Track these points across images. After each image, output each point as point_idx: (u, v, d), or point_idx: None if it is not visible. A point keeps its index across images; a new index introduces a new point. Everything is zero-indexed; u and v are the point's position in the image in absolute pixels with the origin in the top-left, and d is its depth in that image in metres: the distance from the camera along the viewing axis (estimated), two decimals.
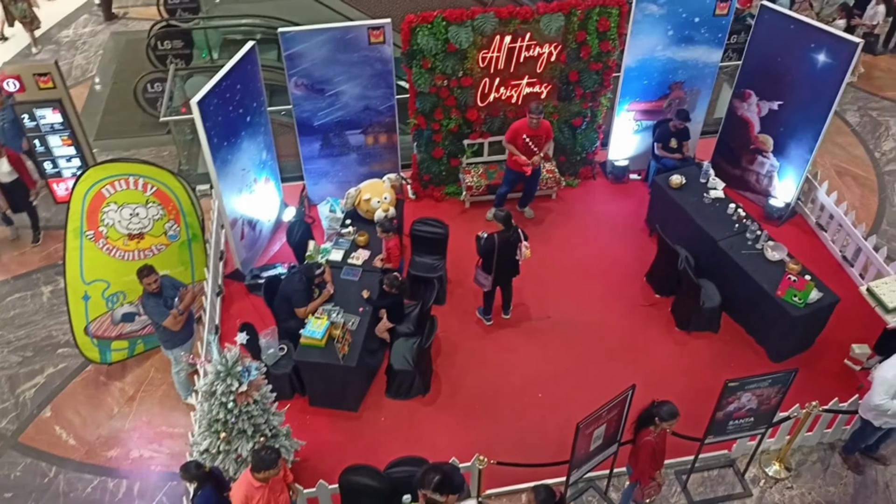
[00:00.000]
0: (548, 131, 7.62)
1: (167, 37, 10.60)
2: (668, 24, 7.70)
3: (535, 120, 7.33)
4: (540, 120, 7.41)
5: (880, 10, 10.53)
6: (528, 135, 7.44)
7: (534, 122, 7.35)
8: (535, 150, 7.51)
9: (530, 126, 7.38)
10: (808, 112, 7.33)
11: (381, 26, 7.18)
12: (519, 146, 7.50)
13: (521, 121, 7.47)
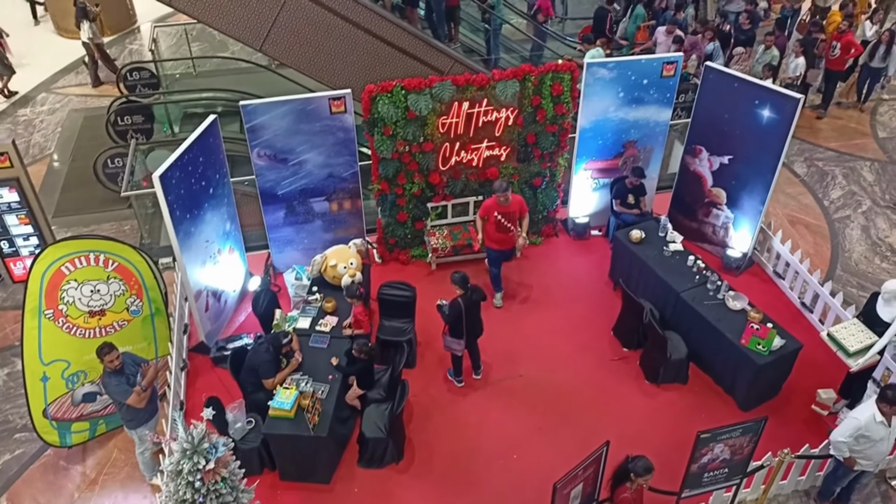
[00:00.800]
0: (521, 206, 7.43)
1: (127, 112, 10.66)
2: (618, 87, 8.01)
3: (502, 198, 7.23)
4: (508, 196, 7.27)
5: (800, 63, 11.07)
6: (500, 212, 7.31)
7: (501, 199, 7.24)
8: (510, 227, 7.35)
9: (499, 203, 7.29)
10: (758, 165, 7.62)
11: (341, 96, 7.33)
12: (492, 223, 7.40)
13: (492, 198, 7.35)
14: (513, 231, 7.37)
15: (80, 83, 13.56)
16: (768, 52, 11.28)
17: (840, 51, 11.59)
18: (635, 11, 13.38)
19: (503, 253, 7.58)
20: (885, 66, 11.99)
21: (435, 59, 10.25)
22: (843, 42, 11.55)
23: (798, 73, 10.98)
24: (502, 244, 7.47)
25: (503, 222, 7.33)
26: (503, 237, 7.41)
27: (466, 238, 8.24)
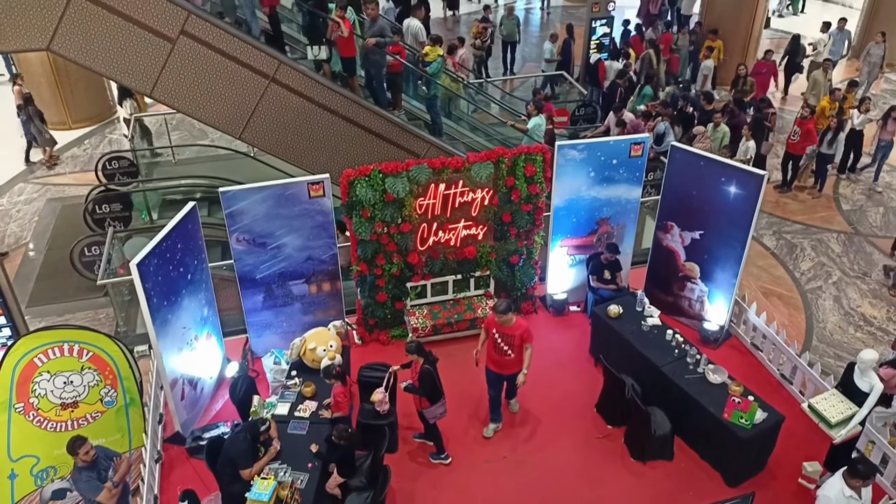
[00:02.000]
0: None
1: (105, 201, 10.70)
2: (589, 167, 8.25)
3: (499, 318, 6.65)
4: (510, 319, 6.63)
5: (750, 146, 11.44)
6: (498, 331, 6.72)
7: (498, 319, 6.66)
8: (506, 350, 6.71)
9: (499, 322, 6.69)
10: (728, 239, 7.81)
11: (320, 181, 7.46)
12: (491, 341, 6.85)
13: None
14: (511, 357, 6.73)
15: (58, 173, 13.65)
16: (718, 130, 11.72)
17: (800, 137, 12.05)
18: (643, 90, 13.94)
19: (500, 376, 6.98)
20: (833, 153, 12.37)
21: (411, 143, 10.52)
22: (803, 129, 12.01)
23: (749, 156, 11.32)
24: (499, 367, 6.87)
25: (500, 343, 6.73)
26: (500, 359, 6.82)
27: (446, 317, 8.25)
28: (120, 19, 8.52)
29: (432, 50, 11.23)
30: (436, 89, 11.45)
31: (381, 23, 10.39)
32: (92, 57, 8.68)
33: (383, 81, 10.81)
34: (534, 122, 11.23)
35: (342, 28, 9.84)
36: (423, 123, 11.50)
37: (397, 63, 10.98)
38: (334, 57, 10.54)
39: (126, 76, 8.95)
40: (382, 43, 10.23)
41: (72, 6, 8.30)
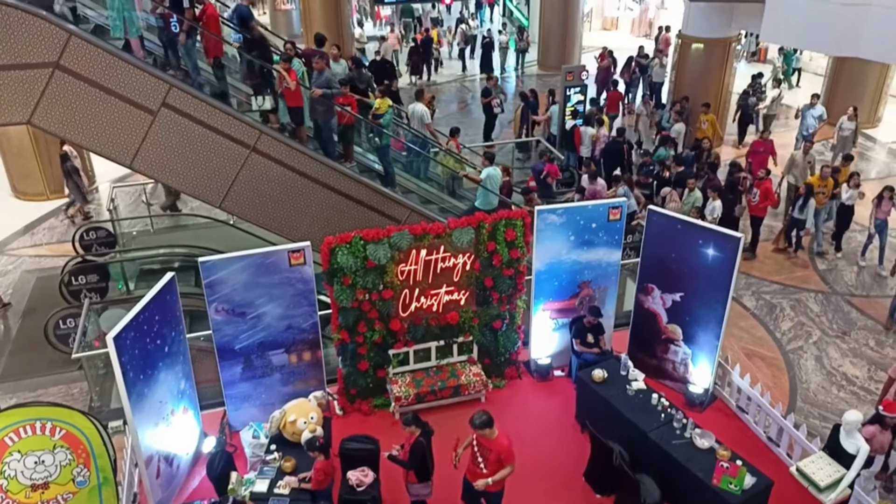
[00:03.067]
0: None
1: (82, 272, 10.58)
2: (568, 231, 8.33)
3: (478, 431, 6.08)
4: (490, 434, 6.03)
5: (717, 206, 11.65)
6: (478, 440, 6.16)
7: (478, 432, 6.10)
8: (480, 463, 6.13)
9: (481, 435, 6.13)
10: (709, 301, 7.86)
11: (301, 249, 7.44)
12: (471, 447, 6.27)
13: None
14: (483, 472, 6.12)
15: (34, 244, 13.51)
16: (692, 195, 11.95)
17: (759, 198, 12.29)
18: (658, 152, 14.23)
19: (472, 489, 6.25)
20: (804, 218, 12.48)
21: (392, 209, 10.59)
22: (762, 189, 12.24)
23: (715, 216, 11.49)
24: (472, 477, 6.24)
25: (476, 454, 6.15)
26: (473, 470, 6.22)
27: (430, 385, 8.13)
28: (101, 93, 8.60)
29: (382, 102, 11.28)
30: (387, 140, 11.46)
31: (327, 74, 10.38)
32: (72, 130, 8.72)
33: (332, 132, 10.71)
34: (486, 172, 11.30)
35: (287, 80, 9.87)
36: (377, 174, 11.49)
37: (348, 115, 10.93)
38: (281, 108, 10.43)
39: (106, 148, 8.98)
40: (329, 94, 10.20)
41: (54, 81, 8.38)
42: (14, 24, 8.04)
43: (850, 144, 15.43)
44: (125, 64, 8.65)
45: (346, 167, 10.52)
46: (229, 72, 11.04)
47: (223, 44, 10.52)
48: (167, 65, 9.88)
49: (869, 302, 11.36)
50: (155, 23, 10.29)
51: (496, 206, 11.13)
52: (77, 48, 8.34)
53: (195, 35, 9.98)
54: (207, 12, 10.08)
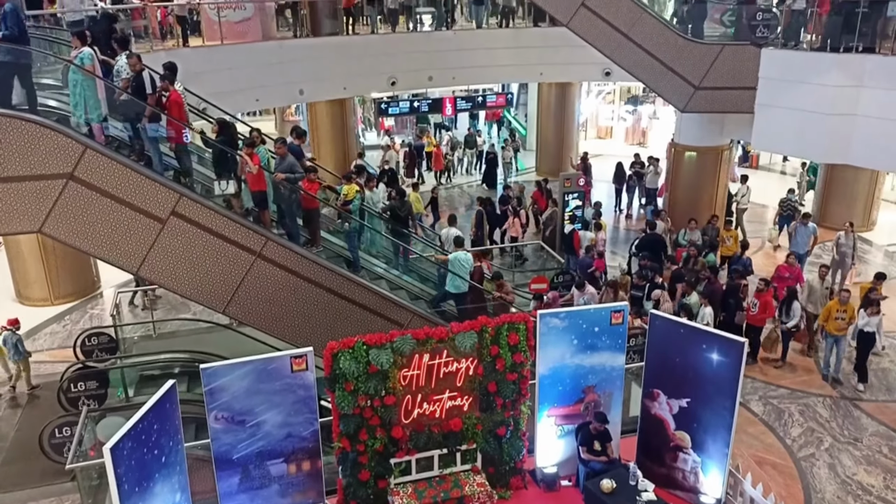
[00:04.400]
0: None
1: (81, 379, 10.48)
2: (571, 335, 8.32)
3: None
4: None
5: (707, 312, 11.58)
6: None
7: None
8: None
9: None
10: (716, 407, 7.74)
11: (303, 354, 7.42)
12: None
13: None
14: None
15: (35, 349, 13.44)
16: (689, 299, 11.99)
17: (758, 309, 12.27)
18: (707, 257, 14.16)
19: None
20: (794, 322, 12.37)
21: (395, 313, 10.62)
22: (761, 301, 12.22)
23: (706, 322, 11.41)
24: None
25: None
26: None
27: (433, 496, 7.87)
28: (113, 202, 8.84)
29: (350, 188, 11.44)
30: (355, 225, 11.56)
31: (290, 159, 10.51)
32: (82, 238, 8.89)
33: (296, 217, 10.75)
34: (455, 255, 11.34)
35: (250, 165, 9.96)
36: (344, 260, 11.46)
37: (312, 199, 10.99)
38: (245, 192, 10.45)
39: (114, 256, 9.13)
40: (292, 178, 10.31)
41: (67, 191, 8.64)
42: (34, 138, 8.37)
43: (849, 261, 14.96)
44: (137, 174, 8.93)
45: (312, 252, 10.46)
46: (197, 158, 11.11)
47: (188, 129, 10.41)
48: (132, 149, 9.81)
49: (878, 407, 11.17)
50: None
51: (466, 290, 11.20)
52: (91, 160, 8.65)
53: (158, 120, 9.88)
54: (171, 98, 10.05)
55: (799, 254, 15.07)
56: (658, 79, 15.04)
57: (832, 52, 13.19)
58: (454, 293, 11.30)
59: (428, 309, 11.28)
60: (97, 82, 9.30)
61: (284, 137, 11.26)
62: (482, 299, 11.69)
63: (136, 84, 9.86)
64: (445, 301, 11.57)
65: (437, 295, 11.69)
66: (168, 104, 10.02)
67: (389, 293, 10.96)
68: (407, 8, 20.46)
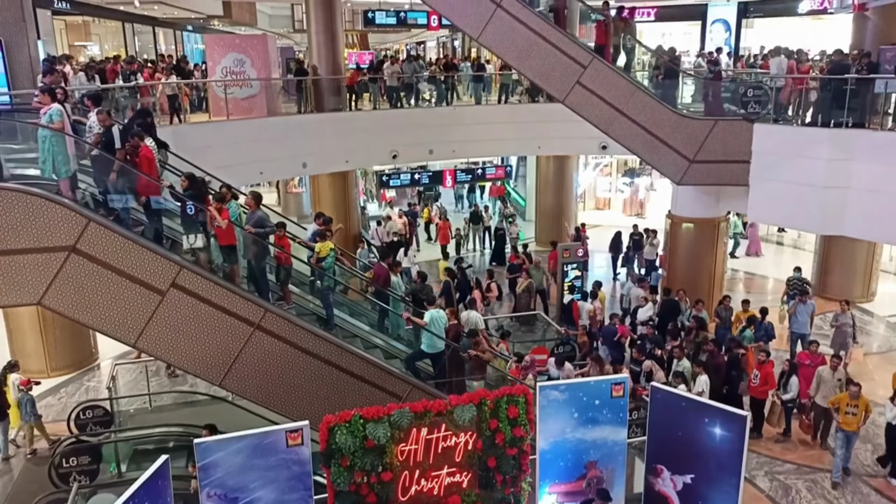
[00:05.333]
0: None
1: (74, 454, 10.29)
2: (572, 408, 8.22)
3: None
4: None
5: (703, 380, 11.42)
6: None
7: None
8: None
9: None
10: (720, 483, 7.58)
11: (299, 429, 7.31)
12: None
13: None
14: None
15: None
16: (680, 364, 11.90)
17: (759, 381, 12.10)
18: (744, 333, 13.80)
19: None
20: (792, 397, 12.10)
21: (392, 384, 10.51)
22: (763, 373, 12.08)
23: (701, 390, 11.27)
24: None
25: None
26: None
27: None
28: (113, 274, 8.89)
29: (324, 245, 11.28)
30: (328, 282, 11.41)
31: (260, 213, 10.46)
32: (81, 310, 8.90)
33: (265, 272, 10.59)
34: (430, 315, 11.06)
35: (219, 219, 9.89)
36: (317, 318, 11.32)
37: (284, 255, 10.87)
38: (214, 247, 10.26)
39: (112, 328, 9.11)
40: (262, 233, 10.24)
41: (69, 263, 8.70)
42: (37, 211, 8.49)
43: (849, 340, 14.28)
44: (139, 247, 9.01)
45: (283, 309, 10.29)
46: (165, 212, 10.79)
47: (157, 185, 10.19)
48: (99, 205, 9.69)
49: (889, 485, 10.90)
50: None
51: (441, 348, 11.05)
52: (94, 232, 8.74)
53: (127, 175, 9.80)
54: (141, 153, 9.94)
55: (802, 334, 14.58)
56: (653, 152, 15.33)
57: (823, 126, 13.50)
58: (430, 352, 11.13)
59: (403, 369, 11.11)
60: (66, 139, 9.30)
61: (257, 192, 11.13)
62: (458, 358, 11.53)
63: (105, 139, 9.83)
64: (420, 360, 11.37)
65: (411, 354, 11.50)
66: (138, 160, 9.93)
67: (387, 364, 10.86)
68: (408, 85, 21.04)
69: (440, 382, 11.05)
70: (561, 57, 14.57)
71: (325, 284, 11.33)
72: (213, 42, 19.69)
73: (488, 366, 12.05)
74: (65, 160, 9.14)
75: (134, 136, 9.97)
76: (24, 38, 12.78)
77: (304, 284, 12.19)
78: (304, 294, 12.13)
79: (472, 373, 11.59)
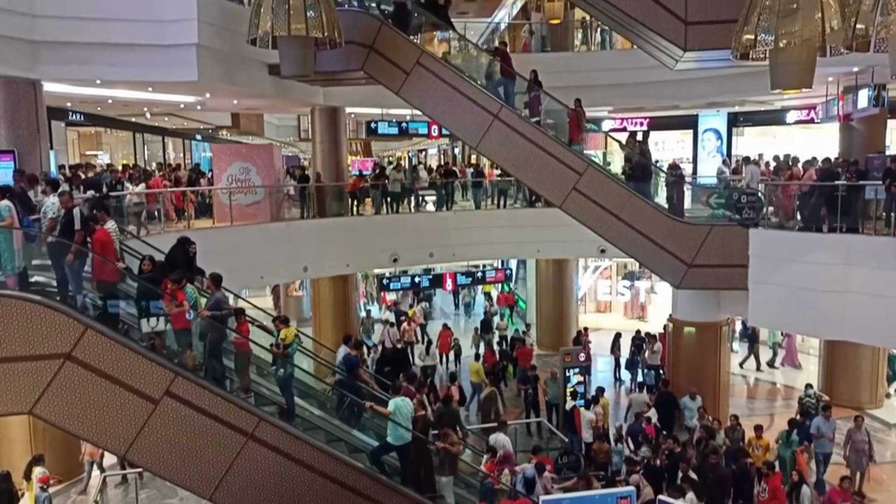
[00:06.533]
0: None
1: None
2: None
3: None
4: None
5: (690, 497, 10.84)
6: None
7: None
8: None
9: None
10: None
11: None
12: None
13: None
14: None
15: None
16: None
17: (768, 494, 11.61)
18: (790, 438, 13.42)
19: None
20: None
21: (389, 498, 10.15)
22: (770, 486, 11.60)
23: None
24: None
25: None
26: None
27: None
28: (108, 382, 8.78)
29: (289, 331, 10.87)
30: (291, 370, 10.97)
31: (217, 295, 10.23)
32: (72, 420, 8.74)
33: (221, 358, 10.23)
34: (394, 403, 10.53)
35: (175, 302, 9.67)
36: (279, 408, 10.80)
37: (243, 342, 10.52)
38: (168, 331, 9.92)
39: (103, 437, 8.94)
40: (218, 316, 9.99)
41: (63, 371, 8.61)
42: (34, 318, 8.50)
43: (865, 459, 13.61)
44: (134, 354, 8.94)
45: (241, 399, 9.91)
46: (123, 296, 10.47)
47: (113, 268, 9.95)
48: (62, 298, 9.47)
49: None
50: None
51: (408, 440, 10.47)
52: (91, 339, 8.71)
53: (84, 258, 9.62)
54: (95, 237, 9.77)
55: (826, 453, 13.76)
56: (651, 257, 15.47)
57: (817, 232, 13.65)
58: (395, 444, 10.57)
59: (367, 464, 10.55)
60: (14, 234, 9.35)
61: (216, 273, 10.72)
62: (426, 451, 11.00)
63: (65, 220, 9.72)
64: (386, 453, 10.76)
65: (375, 447, 10.90)
66: (92, 242, 9.77)
67: (385, 478, 10.50)
68: (409, 191, 21.53)
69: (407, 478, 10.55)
70: (556, 164, 14.97)
71: (287, 373, 10.87)
72: (220, 151, 20.37)
73: (459, 460, 11.51)
74: (11, 257, 9.16)
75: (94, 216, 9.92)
76: (36, 149, 13.22)
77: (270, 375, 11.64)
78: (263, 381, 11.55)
79: (442, 467, 11.04)
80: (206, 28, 13.38)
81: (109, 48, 13.07)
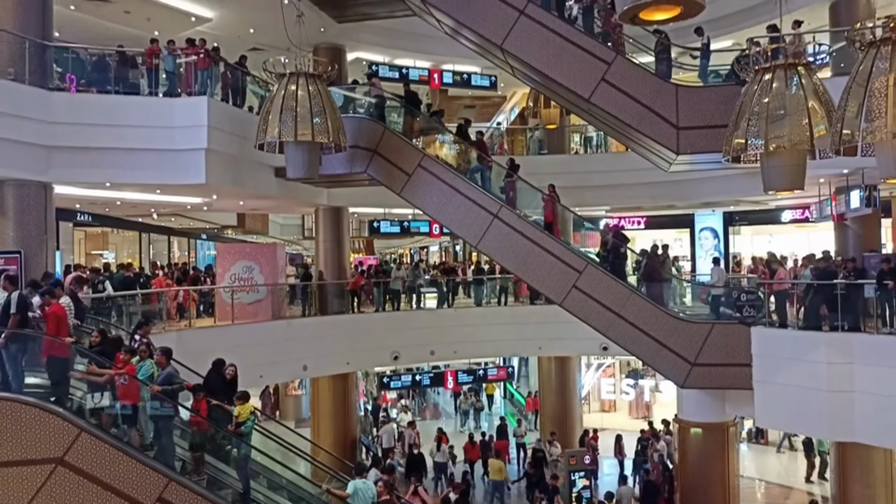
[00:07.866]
0: None
1: None
2: None
3: None
4: None
5: None
6: None
7: None
8: None
9: None
10: None
11: None
12: None
13: None
14: None
15: None
16: None
17: None
18: None
19: None
20: None
21: None
22: None
23: None
24: None
25: None
26: None
27: None
28: (98, 487, 8.55)
29: (244, 408, 10.42)
30: (247, 450, 10.44)
31: (169, 369, 9.93)
32: None
33: (171, 435, 9.78)
34: (353, 485, 10.06)
35: (123, 376, 9.35)
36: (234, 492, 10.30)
37: (200, 420, 10.14)
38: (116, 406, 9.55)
39: None
40: (170, 391, 9.61)
41: (54, 477, 8.42)
42: (28, 421, 8.37)
43: None
44: (128, 458, 8.74)
45: (192, 481, 9.42)
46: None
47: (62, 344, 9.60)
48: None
49: None
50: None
51: None
52: (84, 444, 8.54)
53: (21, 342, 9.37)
54: (50, 310, 9.56)
55: None
56: (653, 355, 15.30)
57: (818, 330, 13.56)
58: None
59: None
60: None
61: (167, 347, 10.52)
62: None
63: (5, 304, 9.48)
64: None
65: None
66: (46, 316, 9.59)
67: None
68: (410, 288, 21.61)
69: None
70: (556, 262, 15.10)
71: (242, 453, 10.40)
72: (224, 251, 20.60)
73: None
74: None
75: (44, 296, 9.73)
76: (43, 250, 13.40)
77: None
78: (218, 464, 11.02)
79: None
80: (215, 134, 13.85)
81: (120, 152, 13.50)
